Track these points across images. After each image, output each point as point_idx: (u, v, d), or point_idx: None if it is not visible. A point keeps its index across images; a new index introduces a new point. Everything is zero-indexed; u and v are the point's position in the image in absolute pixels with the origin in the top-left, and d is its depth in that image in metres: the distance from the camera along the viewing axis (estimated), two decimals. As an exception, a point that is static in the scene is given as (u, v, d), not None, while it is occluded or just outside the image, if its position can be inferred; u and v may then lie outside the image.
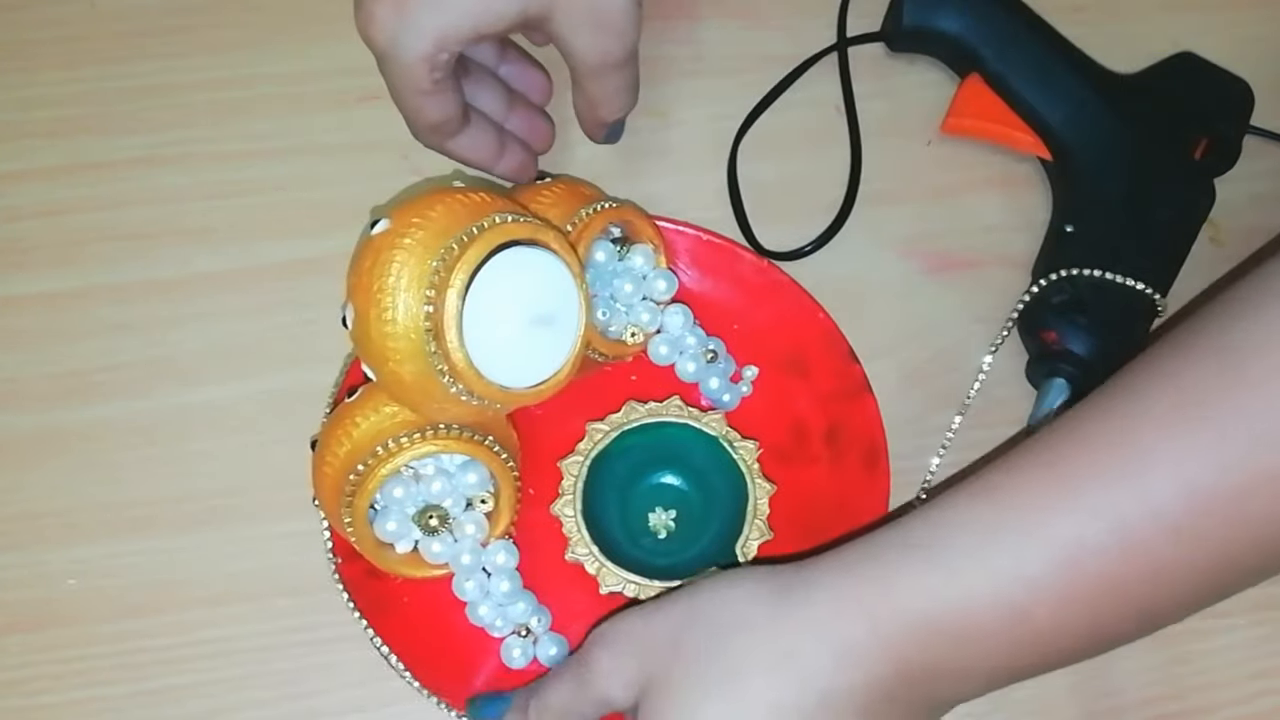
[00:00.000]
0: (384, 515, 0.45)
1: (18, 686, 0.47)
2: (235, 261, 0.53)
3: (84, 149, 0.55)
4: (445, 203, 0.43)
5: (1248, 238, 0.55)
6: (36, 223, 0.54)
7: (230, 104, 0.56)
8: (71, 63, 0.56)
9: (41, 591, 0.49)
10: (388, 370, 0.42)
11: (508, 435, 0.47)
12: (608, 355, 0.49)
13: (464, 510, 0.46)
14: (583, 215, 0.47)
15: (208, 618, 0.48)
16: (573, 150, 0.56)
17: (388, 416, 0.44)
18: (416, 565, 0.46)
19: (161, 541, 0.49)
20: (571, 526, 0.48)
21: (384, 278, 0.41)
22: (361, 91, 0.56)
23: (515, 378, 0.43)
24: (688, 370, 0.51)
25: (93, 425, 0.51)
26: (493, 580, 0.46)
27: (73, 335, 0.52)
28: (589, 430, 0.50)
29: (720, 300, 0.52)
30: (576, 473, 0.49)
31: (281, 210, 0.54)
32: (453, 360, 0.41)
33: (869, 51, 0.57)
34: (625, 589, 0.47)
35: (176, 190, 0.55)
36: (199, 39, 0.57)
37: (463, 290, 0.41)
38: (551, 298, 0.43)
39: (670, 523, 0.50)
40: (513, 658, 0.47)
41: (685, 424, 0.50)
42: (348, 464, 0.44)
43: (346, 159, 0.55)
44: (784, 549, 0.48)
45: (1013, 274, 0.54)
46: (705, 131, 0.56)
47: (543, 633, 0.47)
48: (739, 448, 0.50)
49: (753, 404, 0.51)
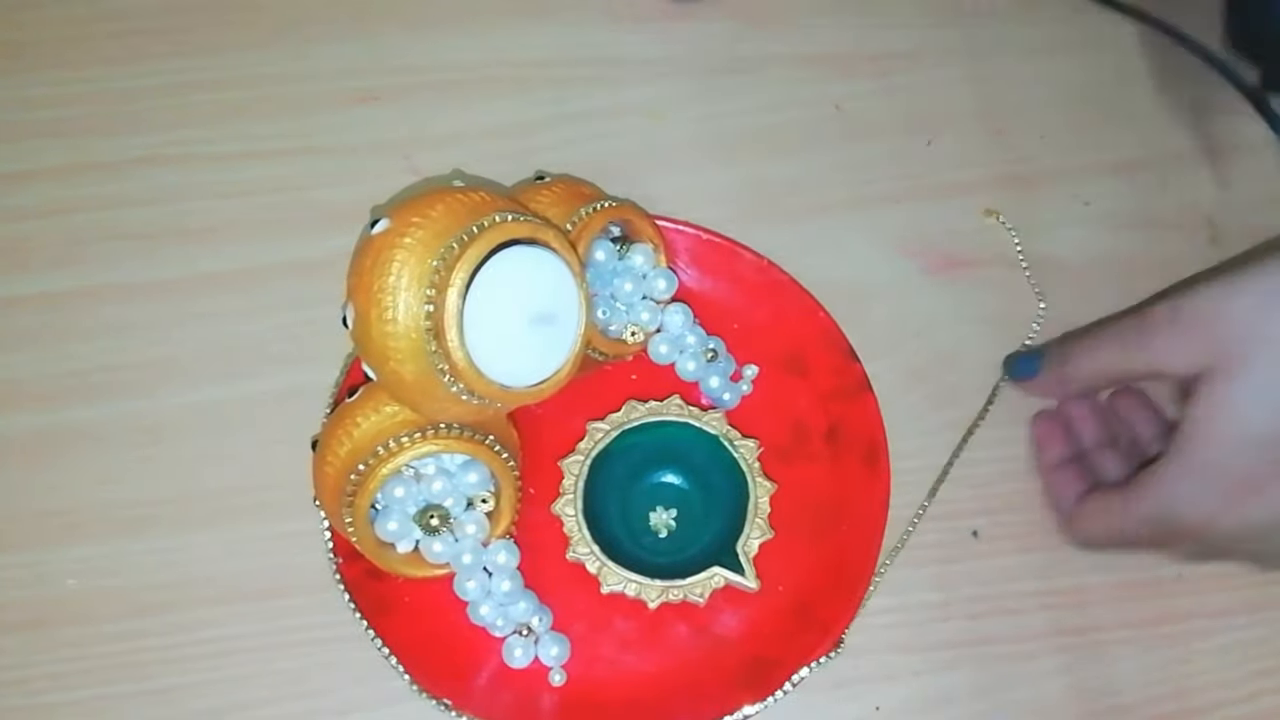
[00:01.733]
0: (385, 515, 0.45)
1: (18, 686, 0.47)
2: (236, 261, 0.53)
3: (85, 149, 0.55)
4: (445, 202, 0.42)
5: (1247, 238, 0.55)
6: (38, 223, 0.54)
7: (231, 104, 0.56)
8: (73, 63, 0.56)
9: (42, 591, 0.49)
10: (388, 369, 0.42)
11: (509, 435, 0.47)
12: (608, 354, 0.49)
13: (465, 510, 0.46)
14: (582, 214, 0.47)
15: (208, 617, 0.48)
16: (572, 149, 0.56)
17: (388, 416, 0.44)
18: (417, 565, 0.46)
19: (162, 541, 0.49)
20: (572, 526, 0.48)
21: (384, 277, 0.41)
22: (362, 92, 0.56)
23: (516, 376, 0.43)
24: (688, 369, 0.51)
25: (93, 425, 0.51)
26: (494, 580, 0.46)
27: (74, 335, 0.52)
28: (589, 429, 0.50)
29: (720, 299, 0.52)
30: (577, 472, 0.49)
31: (282, 210, 0.54)
32: (453, 359, 0.41)
33: (869, 52, 0.57)
34: (626, 589, 0.47)
35: (178, 190, 0.55)
36: (200, 39, 0.57)
37: (463, 289, 0.41)
38: (552, 296, 0.43)
39: (671, 522, 0.50)
40: (514, 657, 0.46)
41: (686, 423, 0.50)
42: (349, 464, 0.44)
43: (347, 159, 0.55)
44: (786, 547, 0.48)
45: (1012, 274, 0.54)
46: (705, 131, 0.57)
47: (544, 632, 0.47)
48: (739, 446, 0.50)
49: (753, 403, 0.51)
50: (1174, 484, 0.42)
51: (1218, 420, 0.41)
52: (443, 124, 0.56)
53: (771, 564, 0.48)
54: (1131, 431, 0.50)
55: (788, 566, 0.48)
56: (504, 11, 0.58)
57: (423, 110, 0.56)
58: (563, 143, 0.56)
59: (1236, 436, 0.41)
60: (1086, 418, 0.50)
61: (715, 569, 0.47)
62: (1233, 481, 0.41)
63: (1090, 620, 0.49)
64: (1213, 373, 0.41)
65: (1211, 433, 0.41)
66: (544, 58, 0.58)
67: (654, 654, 0.47)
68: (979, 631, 0.49)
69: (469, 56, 0.57)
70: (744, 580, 0.47)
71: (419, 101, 0.56)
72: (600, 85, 0.57)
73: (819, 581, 0.48)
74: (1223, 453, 0.41)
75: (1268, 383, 0.40)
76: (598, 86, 0.57)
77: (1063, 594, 0.50)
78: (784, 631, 0.47)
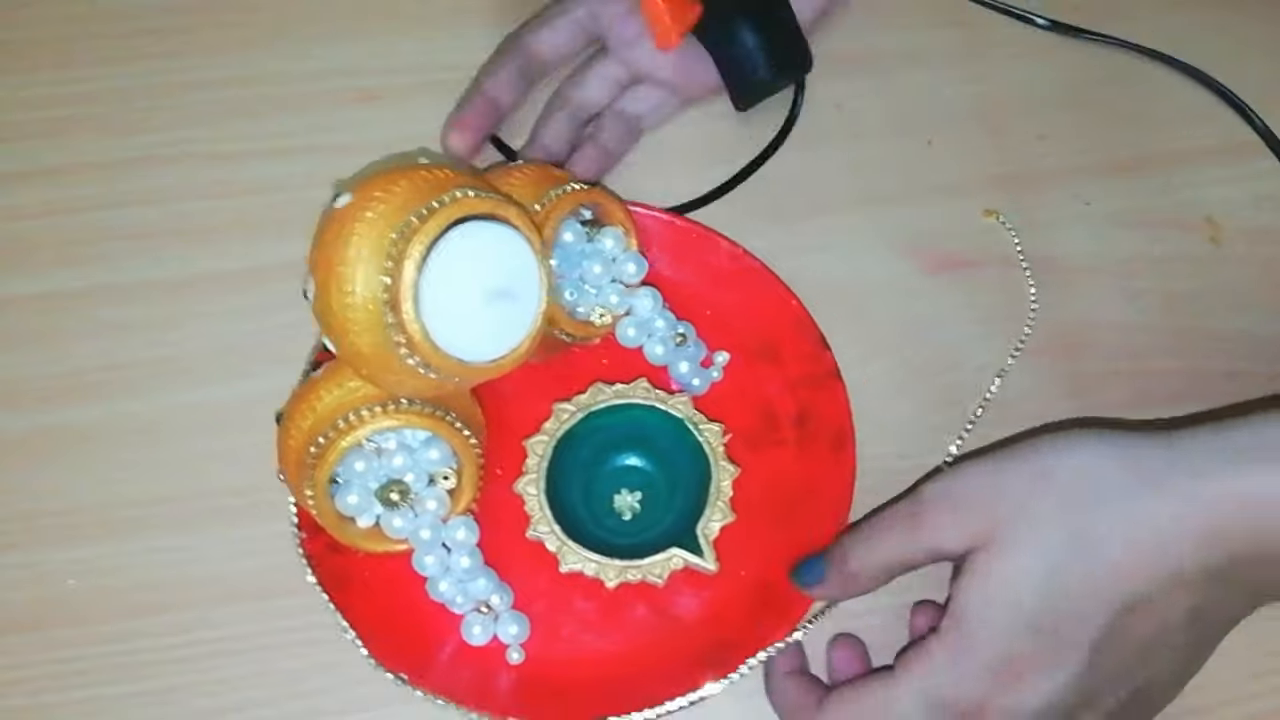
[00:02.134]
0: (345, 489, 0.45)
1: (17, 686, 0.47)
2: (235, 261, 0.53)
3: (84, 149, 0.55)
4: (409, 177, 0.43)
5: (1246, 238, 0.55)
6: (37, 223, 0.54)
7: (230, 104, 0.56)
8: (72, 63, 0.56)
9: (41, 591, 0.49)
10: (347, 342, 0.42)
11: (472, 413, 0.47)
12: (575, 335, 0.49)
13: (426, 486, 0.46)
14: (552, 196, 0.47)
15: (208, 617, 0.48)
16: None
17: (351, 391, 0.45)
18: (377, 540, 0.46)
19: (161, 541, 0.49)
20: (534, 505, 0.48)
21: (344, 250, 0.41)
22: (360, 91, 0.56)
23: (472, 351, 0.43)
24: (656, 353, 0.50)
25: (93, 425, 0.51)
26: (453, 556, 0.46)
27: (74, 335, 0.52)
28: (555, 410, 0.50)
29: (693, 285, 0.52)
30: (541, 452, 0.49)
31: (281, 210, 0.54)
32: (409, 331, 0.41)
33: (870, 52, 0.57)
34: (585, 568, 0.47)
35: (177, 190, 0.55)
36: (199, 39, 0.57)
37: (420, 262, 0.41)
38: (511, 272, 0.43)
39: (636, 504, 0.50)
40: (473, 635, 0.46)
41: (651, 406, 0.50)
42: (310, 437, 0.44)
43: (346, 158, 0.55)
44: (747, 531, 0.48)
45: (1013, 274, 0.54)
46: (703, 130, 0.56)
47: (504, 610, 0.47)
48: (704, 430, 0.49)
49: (723, 388, 0.51)
50: (940, 667, 0.41)
51: (984, 598, 0.40)
52: (441, 122, 0.56)
53: (734, 547, 0.48)
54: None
55: (750, 550, 0.48)
56: (503, 10, 0.58)
57: (422, 110, 0.56)
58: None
59: (1002, 617, 0.39)
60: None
61: (674, 550, 0.47)
62: (1000, 666, 0.40)
63: (1090, 620, 0.49)
64: (982, 549, 0.40)
65: (978, 612, 0.40)
66: (543, 57, 0.57)
67: (613, 633, 0.47)
68: (979, 632, 0.49)
69: (468, 56, 0.57)
70: (702, 562, 0.47)
71: (418, 101, 0.56)
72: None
73: (781, 566, 0.47)
74: (989, 633, 0.40)
75: (1032, 559, 0.39)
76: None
77: (1062, 594, 0.49)
78: (744, 615, 0.47)
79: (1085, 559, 0.39)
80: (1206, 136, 0.57)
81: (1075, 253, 0.55)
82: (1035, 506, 0.40)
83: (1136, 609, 0.39)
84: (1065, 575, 0.39)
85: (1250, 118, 0.57)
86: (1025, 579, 0.39)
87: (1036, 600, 0.39)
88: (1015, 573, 0.39)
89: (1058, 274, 0.54)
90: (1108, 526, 0.39)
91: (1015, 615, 0.39)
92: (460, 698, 0.45)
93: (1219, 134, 0.57)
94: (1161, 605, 0.39)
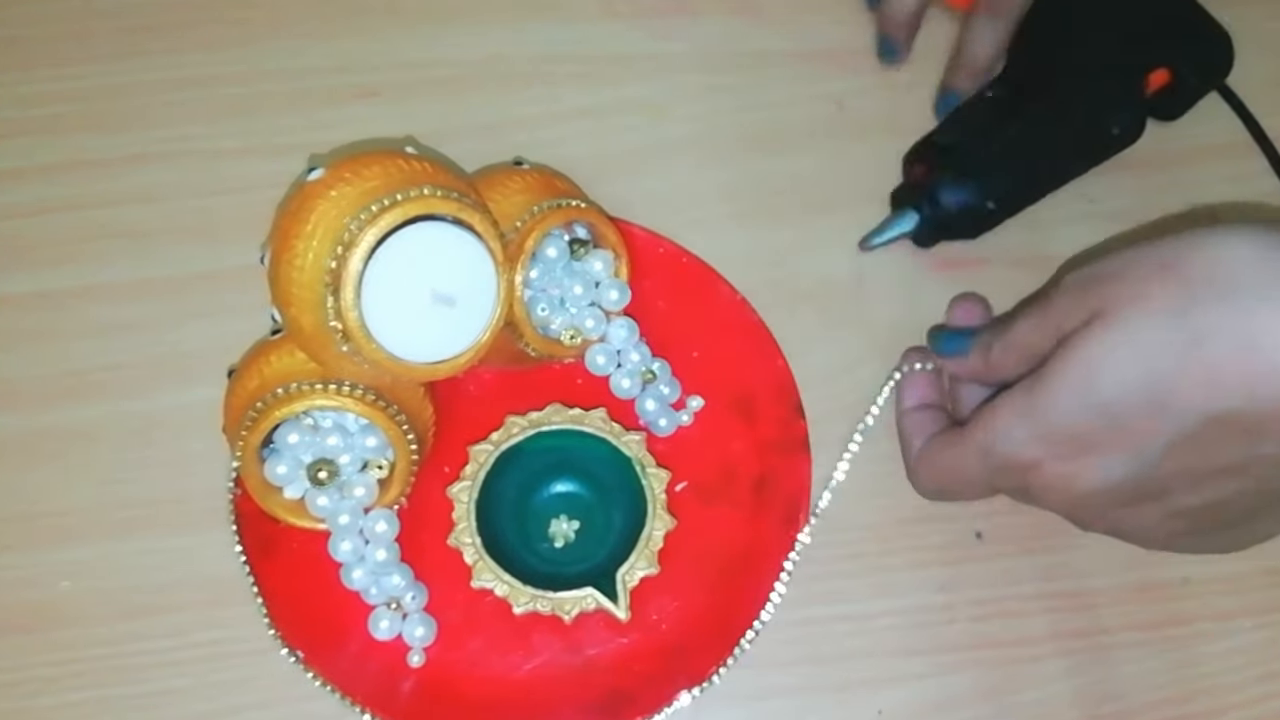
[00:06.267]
0: (275, 457, 0.45)
1: (13, 689, 0.47)
2: (233, 259, 0.53)
3: (81, 146, 0.55)
4: (383, 164, 0.42)
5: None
6: (33, 221, 0.54)
7: (227, 101, 0.56)
8: (68, 59, 0.56)
9: (38, 593, 0.48)
10: (290, 315, 0.43)
11: (420, 408, 0.47)
12: (540, 352, 0.48)
13: (359, 472, 0.46)
14: (544, 207, 0.47)
15: (206, 619, 0.48)
16: (569, 145, 0.55)
17: (301, 362, 0.44)
18: (298, 514, 0.46)
19: (159, 542, 0.49)
20: (462, 512, 0.48)
21: (302, 224, 0.41)
22: (360, 88, 0.55)
23: (410, 350, 0.43)
24: (623, 386, 0.49)
25: (87, 425, 0.51)
26: (370, 547, 0.46)
27: (70, 334, 0.52)
28: (507, 422, 0.49)
29: (685, 322, 0.51)
30: (483, 461, 0.48)
31: (279, 208, 0.54)
32: (345, 318, 0.41)
33: (871, 49, 0.57)
34: (496, 588, 0.46)
35: (174, 188, 0.54)
36: (196, 36, 0.57)
37: (368, 252, 0.41)
38: (466, 279, 0.43)
39: (571, 534, 0.49)
40: (380, 628, 0.46)
41: (603, 438, 0.49)
42: (253, 399, 0.44)
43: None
44: (671, 586, 0.47)
45: (1013, 274, 0.54)
46: (704, 128, 0.56)
47: (414, 610, 0.46)
48: (650, 474, 0.48)
49: (690, 434, 0.50)
50: (1009, 419, 0.40)
51: (1063, 370, 0.39)
52: (441, 120, 0.55)
53: (652, 600, 0.47)
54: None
55: (668, 606, 0.48)
56: (503, 7, 0.58)
57: (421, 106, 0.56)
58: (560, 138, 0.55)
59: (1075, 393, 0.38)
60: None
61: (589, 590, 0.46)
62: (1059, 439, 0.39)
63: (1095, 623, 0.49)
64: (1085, 326, 0.39)
65: (1050, 382, 0.39)
66: (543, 53, 0.57)
67: (517, 660, 0.47)
68: (982, 634, 0.49)
69: (468, 53, 0.57)
70: (615, 609, 0.46)
71: (417, 97, 0.56)
72: (599, 81, 0.57)
73: (701, 627, 0.47)
74: (1056, 405, 0.39)
75: (1125, 343, 0.37)
76: (596, 83, 0.57)
77: (1067, 596, 0.49)
78: (651, 670, 0.47)
79: (1183, 355, 0.36)
80: (1210, 136, 0.57)
81: (1078, 252, 0.54)
82: (1151, 292, 0.37)
83: (1229, 423, 0.36)
84: (1155, 367, 0.36)
85: (1250, 119, 0.56)
86: (1109, 361, 0.37)
87: (1115, 386, 0.37)
88: (1101, 353, 0.38)
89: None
90: (1219, 323, 0.35)
91: (1087, 395, 0.38)
92: (358, 693, 0.45)
93: (1222, 134, 0.57)
94: (1259, 427, 0.36)
